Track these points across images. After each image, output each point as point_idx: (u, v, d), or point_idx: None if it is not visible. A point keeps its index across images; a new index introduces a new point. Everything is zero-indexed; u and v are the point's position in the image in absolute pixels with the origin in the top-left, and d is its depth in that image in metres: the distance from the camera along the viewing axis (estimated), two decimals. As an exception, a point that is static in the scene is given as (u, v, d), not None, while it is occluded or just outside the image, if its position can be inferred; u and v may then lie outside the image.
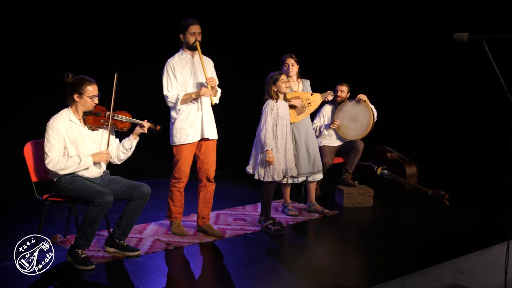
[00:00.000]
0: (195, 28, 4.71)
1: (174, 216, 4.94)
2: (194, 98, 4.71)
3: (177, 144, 4.78)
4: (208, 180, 4.93)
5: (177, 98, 4.68)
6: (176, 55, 4.79)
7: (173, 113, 4.80)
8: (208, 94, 4.68)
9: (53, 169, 4.09)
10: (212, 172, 4.91)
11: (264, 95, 5.06)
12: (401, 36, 8.01)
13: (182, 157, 4.78)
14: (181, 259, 4.46)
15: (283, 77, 5.00)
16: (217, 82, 4.90)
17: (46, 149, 4.09)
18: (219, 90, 4.94)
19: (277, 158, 4.96)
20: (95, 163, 4.22)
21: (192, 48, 4.76)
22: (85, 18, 7.73)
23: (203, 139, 4.85)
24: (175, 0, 8.22)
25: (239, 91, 8.11)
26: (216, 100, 4.88)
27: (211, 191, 4.98)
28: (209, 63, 4.90)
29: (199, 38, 4.73)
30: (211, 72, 4.87)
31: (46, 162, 4.08)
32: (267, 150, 4.90)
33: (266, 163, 4.93)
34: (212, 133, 4.86)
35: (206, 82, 4.67)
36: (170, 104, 4.76)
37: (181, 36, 4.76)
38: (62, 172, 4.11)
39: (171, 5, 8.26)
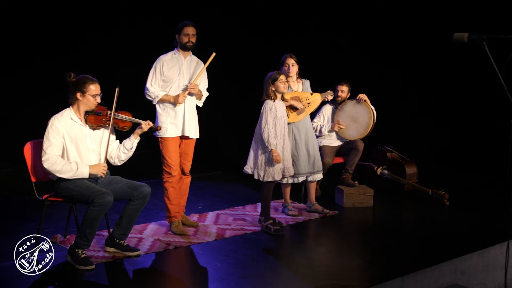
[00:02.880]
0: (189, 30, 4.88)
1: (174, 215, 4.96)
2: (171, 102, 4.86)
3: (159, 136, 4.92)
4: (183, 173, 5.07)
5: (157, 96, 4.86)
6: (169, 53, 4.95)
7: (157, 107, 4.94)
8: (182, 102, 4.85)
9: (49, 169, 4.08)
10: (187, 166, 5.08)
11: (262, 94, 5.06)
12: (401, 36, 8.00)
13: (168, 150, 4.91)
14: (181, 259, 4.46)
15: (282, 77, 5.00)
16: (207, 94, 5.06)
17: (44, 146, 4.09)
18: (206, 94, 5.08)
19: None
20: (90, 175, 4.20)
21: (186, 49, 4.89)
22: (85, 17, 7.72)
23: (184, 137, 4.97)
24: (179, 1, 8.23)
25: (239, 92, 8.12)
26: (200, 104, 5.09)
27: (186, 183, 5.12)
28: (200, 66, 5.00)
29: (193, 40, 4.90)
30: (201, 77, 4.98)
31: (43, 159, 4.08)
32: (272, 149, 4.91)
33: (267, 163, 4.94)
34: (193, 132, 5.01)
35: (188, 84, 4.86)
36: (147, 97, 4.92)
37: (176, 36, 4.93)
38: (56, 174, 4.10)
39: (173, 5, 8.26)
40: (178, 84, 4.88)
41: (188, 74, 4.92)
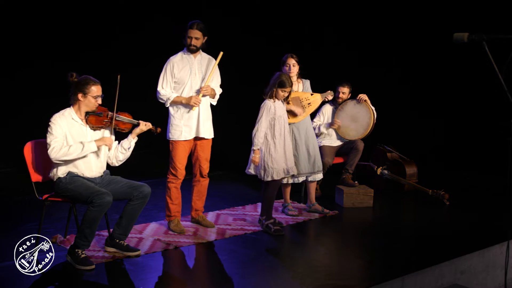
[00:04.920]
0: (192, 33, 4.83)
1: (173, 215, 4.97)
2: (183, 103, 4.83)
3: (171, 139, 4.90)
4: (202, 175, 5.06)
5: (168, 98, 4.83)
6: (179, 54, 4.92)
7: (171, 109, 4.91)
8: (197, 104, 4.80)
9: (56, 156, 4.07)
10: (205, 169, 5.06)
11: (264, 90, 5.03)
12: (402, 36, 8.00)
13: (177, 153, 4.89)
14: (181, 259, 4.46)
15: (288, 88, 4.97)
16: (220, 90, 5.03)
17: (48, 140, 4.09)
18: (219, 91, 5.02)
19: (276, 157, 4.96)
20: (99, 148, 4.21)
21: (190, 50, 4.87)
22: (86, 18, 7.73)
23: (198, 138, 4.93)
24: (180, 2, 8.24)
25: (241, 92, 8.12)
26: (214, 102, 5.05)
27: (204, 186, 5.12)
28: (211, 63, 4.96)
29: (194, 42, 4.84)
30: (213, 76, 4.94)
31: (49, 151, 4.08)
32: (253, 149, 4.92)
33: (266, 162, 4.93)
34: (207, 132, 4.97)
35: (200, 88, 4.82)
36: (160, 101, 4.90)
37: (184, 34, 4.89)
38: (66, 158, 4.09)
39: (174, 5, 8.26)
40: (191, 84, 4.85)
41: (200, 74, 4.89)
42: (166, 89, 4.82)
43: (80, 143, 4.14)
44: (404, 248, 4.74)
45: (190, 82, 4.85)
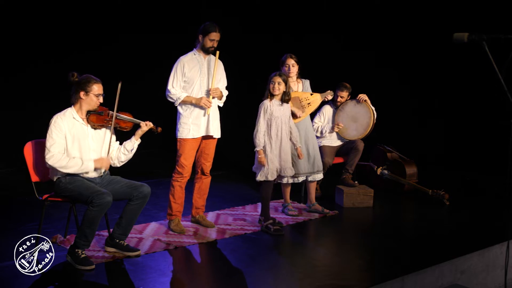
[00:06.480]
0: (215, 36, 4.85)
1: (174, 214, 4.98)
2: (193, 103, 4.84)
3: (179, 138, 4.91)
4: (203, 173, 5.08)
5: (178, 98, 4.84)
6: (190, 54, 4.93)
7: (179, 108, 4.92)
8: (207, 106, 4.82)
9: (53, 165, 4.08)
10: (207, 167, 5.08)
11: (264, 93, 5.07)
12: (401, 36, 8.01)
13: (184, 151, 4.90)
14: (181, 259, 4.46)
15: (274, 78, 4.98)
16: (226, 92, 5.06)
17: (48, 144, 4.10)
18: (226, 93, 5.04)
19: (271, 157, 4.96)
20: (95, 169, 4.23)
21: (207, 52, 4.89)
22: (87, 18, 7.73)
23: (206, 137, 4.95)
24: (179, 2, 8.23)
25: (244, 92, 8.13)
26: (220, 104, 5.07)
27: (206, 183, 5.14)
28: (219, 66, 5.01)
29: (216, 45, 4.88)
30: (220, 77, 4.99)
31: (47, 157, 4.08)
32: (257, 150, 4.93)
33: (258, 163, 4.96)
34: (215, 131, 5.00)
35: (209, 90, 4.84)
36: (169, 99, 4.91)
37: (200, 37, 4.88)
38: (62, 170, 4.11)
39: (175, 7, 8.26)
40: (200, 84, 4.88)
41: (210, 74, 4.92)
42: (176, 88, 4.85)
43: (79, 159, 4.14)
44: (404, 248, 4.74)
45: (200, 81, 4.88)
